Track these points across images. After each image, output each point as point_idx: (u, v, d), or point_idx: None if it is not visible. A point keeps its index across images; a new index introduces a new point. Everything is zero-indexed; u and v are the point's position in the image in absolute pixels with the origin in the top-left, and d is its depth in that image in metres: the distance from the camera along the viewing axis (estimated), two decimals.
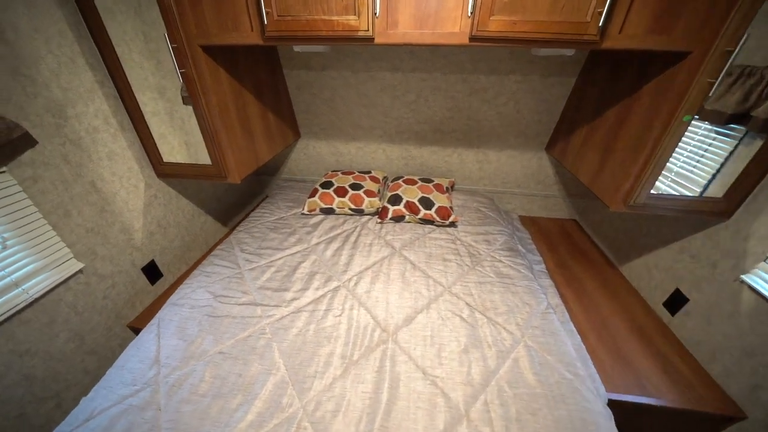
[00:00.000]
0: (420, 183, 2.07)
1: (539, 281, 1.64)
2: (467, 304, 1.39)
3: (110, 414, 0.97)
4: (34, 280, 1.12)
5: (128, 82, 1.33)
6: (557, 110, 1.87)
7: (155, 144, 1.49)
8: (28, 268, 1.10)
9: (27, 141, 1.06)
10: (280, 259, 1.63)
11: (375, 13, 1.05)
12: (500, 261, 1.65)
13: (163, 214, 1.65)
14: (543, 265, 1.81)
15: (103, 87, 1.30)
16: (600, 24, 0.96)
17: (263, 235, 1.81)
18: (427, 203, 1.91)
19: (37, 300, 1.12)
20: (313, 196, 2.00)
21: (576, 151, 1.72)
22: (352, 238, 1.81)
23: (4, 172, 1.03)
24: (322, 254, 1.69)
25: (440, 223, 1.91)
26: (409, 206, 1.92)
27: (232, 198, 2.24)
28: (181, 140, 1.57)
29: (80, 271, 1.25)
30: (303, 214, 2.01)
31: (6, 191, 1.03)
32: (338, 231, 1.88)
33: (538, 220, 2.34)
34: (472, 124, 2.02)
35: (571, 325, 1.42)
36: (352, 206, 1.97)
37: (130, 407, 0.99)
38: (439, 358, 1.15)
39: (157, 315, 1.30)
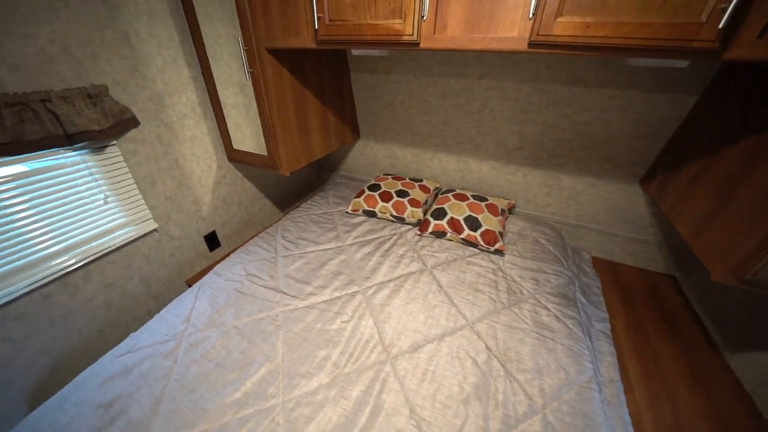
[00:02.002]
0: (471, 200, 1.89)
1: (595, 343, 1.33)
2: (487, 347, 1.21)
3: (143, 354, 1.16)
4: (121, 231, 1.42)
5: (215, 78, 1.56)
6: (663, 136, 1.47)
7: (229, 132, 1.71)
8: (119, 221, 1.40)
9: (133, 122, 1.34)
10: (312, 252, 1.71)
11: (422, 17, 0.98)
12: (545, 307, 1.39)
13: (229, 193, 1.90)
14: (607, 324, 1.46)
15: (195, 82, 1.55)
16: (721, 25, 0.70)
17: (305, 226, 1.92)
18: (473, 223, 1.75)
19: (121, 247, 1.42)
20: (359, 197, 2.03)
21: (680, 191, 1.32)
22: (386, 246, 1.77)
23: (114, 144, 1.33)
24: (353, 255, 1.70)
25: (484, 248, 1.71)
26: (453, 223, 1.78)
27: (292, 186, 2.45)
28: (253, 131, 1.77)
29: (155, 230, 1.54)
30: (347, 212, 2.06)
31: (113, 159, 1.33)
32: (375, 236, 1.86)
33: (618, 267, 1.90)
34: (545, 142, 1.75)
35: (625, 411, 1.11)
36: (394, 213, 1.93)
37: (156, 353, 1.17)
38: (433, 399, 1.03)
39: (201, 280, 1.50)
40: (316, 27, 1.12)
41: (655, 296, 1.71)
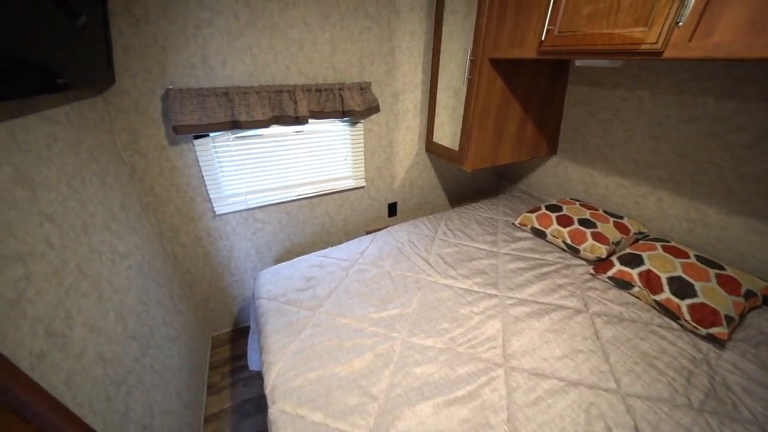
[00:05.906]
0: (693, 260, 1.40)
1: None
2: (636, 428, 0.94)
3: (332, 261, 1.68)
4: (345, 181, 2.05)
5: (437, 83, 1.92)
6: None
7: (434, 128, 2.06)
8: (346, 173, 2.03)
9: (376, 109, 1.88)
10: (466, 246, 1.81)
11: (677, 22, 0.85)
12: None
13: (416, 177, 2.29)
14: None
15: (423, 84, 1.97)
16: None
17: (468, 222, 2.03)
18: (681, 288, 1.31)
19: (342, 191, 2.05)
20: (532, 213, 1.92)
21: None
22: (544, 270, 1.62)
23: (361, 122, 1.92)
24: (504, 264, 1.67)
25: (689, 327, 1.25)
26: (648, 278, 1.39)
27: (468, 187, 2.61)
28: (452, 129, 2.04)
29: (363, 187, 2.11)
30: (513, 224, 2.00)
31: (358, 132, 1.94)
32: (535, 255, 1.73)
33: None
34: None
35: None
36: (568, 240, 1.71)
37: (339, 264, 1.65)
38: (537, 425, 0.93)
39: (377, 233, 1.94)
40: (542, 38, 1.19)
41: None
